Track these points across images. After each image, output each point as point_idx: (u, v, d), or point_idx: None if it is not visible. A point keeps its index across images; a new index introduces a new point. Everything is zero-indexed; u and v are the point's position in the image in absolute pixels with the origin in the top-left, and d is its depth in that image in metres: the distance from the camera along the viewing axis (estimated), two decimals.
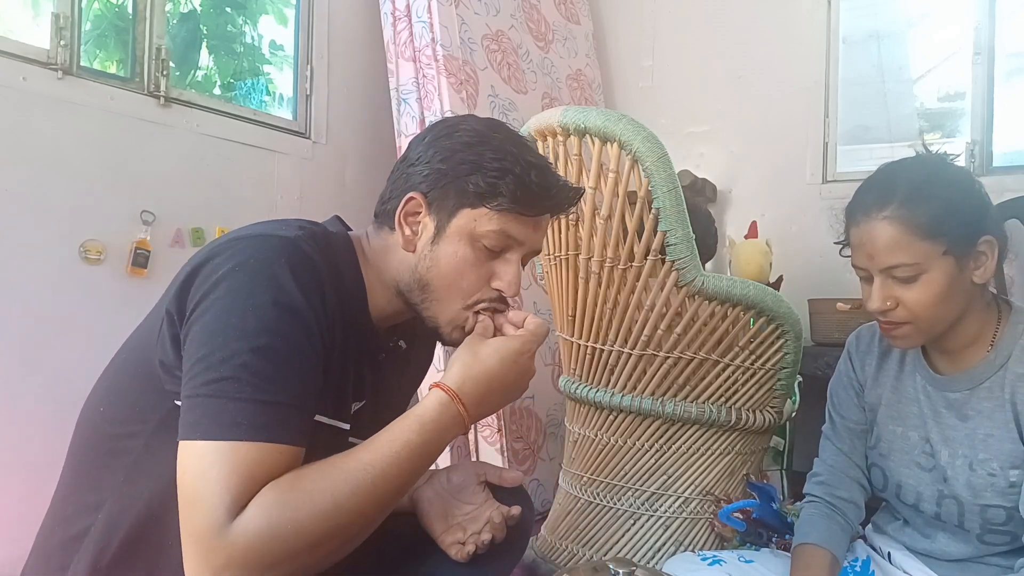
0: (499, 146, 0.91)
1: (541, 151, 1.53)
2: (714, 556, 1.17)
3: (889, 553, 1.17)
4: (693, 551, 1.30)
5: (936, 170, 1.06)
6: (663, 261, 1.39)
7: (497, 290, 0.93)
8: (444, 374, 0.89)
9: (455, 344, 0.96)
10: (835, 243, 1.12)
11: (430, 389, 0.88)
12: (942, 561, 1.10)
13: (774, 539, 1.39)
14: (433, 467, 0.98)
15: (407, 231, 0.92)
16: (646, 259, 1.40)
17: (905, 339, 1.07)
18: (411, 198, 0.91)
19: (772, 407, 1.54)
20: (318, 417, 0.87)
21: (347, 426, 0.94)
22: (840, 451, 1.19)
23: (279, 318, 0.79)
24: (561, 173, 1.49)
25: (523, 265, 0.96)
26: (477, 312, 0.94)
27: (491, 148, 0.91)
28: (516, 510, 1.03)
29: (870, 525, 1.23)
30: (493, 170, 0.89)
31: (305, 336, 0.81)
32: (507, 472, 1.07)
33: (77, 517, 0.89)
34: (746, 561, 1.18)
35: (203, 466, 0.75)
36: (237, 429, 0.75)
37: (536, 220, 0.93)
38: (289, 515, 0.74)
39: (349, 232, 1.00)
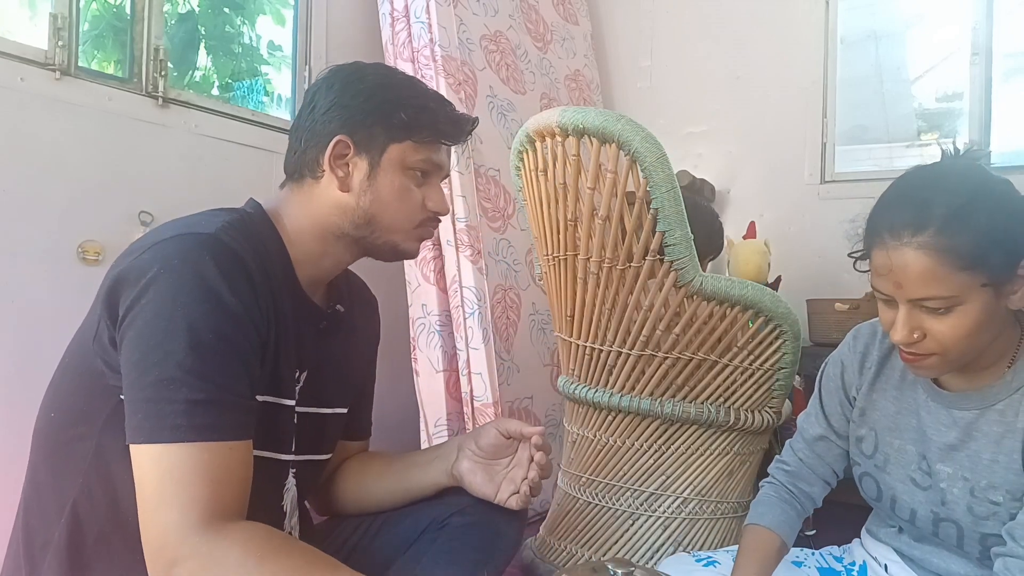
0: (408, 84, 1.02)
1: (539, 151, 1.53)
2: (708, 557, 1.17)
3: (886, 565, 1.13)
4: (688, 552, 1.30)
5: (978, 188, 0.90)
6: (662, 261, 1.39)
7: (432, 212, 1.03)
8: None
9: (414, 254, 1.06)
10: (849, 255, 1.00)
11: None
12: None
13: None
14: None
15: (340, 172, 0.97)
16: (644, 259, 1.40)
17: (930, 370, 0.96)
18: (339, 140, 0.96)
19: (771, 407, 1.54)
20: (260, 397, 0.88)
21: (292, 402, 0.96)
22: (813, 451, 1.16)
23: (208, 313, 0.81)
24: (560, 174, 1.51)
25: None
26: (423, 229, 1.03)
27: (404, 87, 1.01)
28: (543, 446, 1.11)
29: (864, 532, 1.19)
30: (413, 107, 0.98)
31: (236, 326, 0.83)
32: (527, 427, 1.12)
33: (42, 527, 0.89)
34: None
35: (160, 470, 0.76)
36: (178, 432, 0.77)
37: (449, 147, 1.05)
38: (265, 557, 0.76)
39: (262, 206, 1.02)
